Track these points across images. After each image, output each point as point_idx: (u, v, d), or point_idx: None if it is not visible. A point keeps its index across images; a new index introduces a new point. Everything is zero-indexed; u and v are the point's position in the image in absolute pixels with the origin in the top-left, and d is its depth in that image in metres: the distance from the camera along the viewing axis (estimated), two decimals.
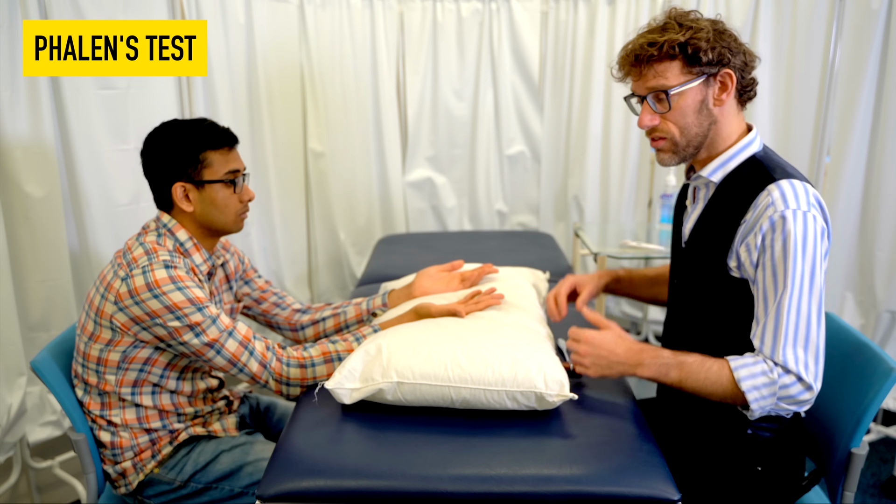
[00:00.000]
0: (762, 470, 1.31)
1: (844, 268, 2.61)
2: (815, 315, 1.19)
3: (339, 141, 3.01)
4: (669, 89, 1.25)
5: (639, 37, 1.28)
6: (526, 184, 3.27)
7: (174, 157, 1.42)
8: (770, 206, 1.20)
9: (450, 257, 1.83)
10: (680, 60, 1.25)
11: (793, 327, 1.18)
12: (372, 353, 1.25)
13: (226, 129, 1.47)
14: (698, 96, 1.27)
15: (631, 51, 1.28)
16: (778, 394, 1.19)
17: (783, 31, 2.67)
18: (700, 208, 1.36)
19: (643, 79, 1.28)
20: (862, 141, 2.50)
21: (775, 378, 1.18)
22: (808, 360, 1.18)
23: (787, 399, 1.19)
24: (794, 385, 1.18)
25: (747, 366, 1.20)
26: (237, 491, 1.45)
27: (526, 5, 3.05)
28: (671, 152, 1.32)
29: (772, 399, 1.19)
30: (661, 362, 1.25)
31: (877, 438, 2.50)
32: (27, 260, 2.01)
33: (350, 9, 2.91)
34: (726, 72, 1.27)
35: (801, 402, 1.20)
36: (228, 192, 1.46)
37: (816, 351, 1.19)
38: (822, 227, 1.21)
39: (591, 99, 3.06)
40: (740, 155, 1.30)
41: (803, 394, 1.19)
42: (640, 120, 1.30)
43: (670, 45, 1.23)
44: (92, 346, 1.38)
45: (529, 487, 1.05)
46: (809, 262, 1.18)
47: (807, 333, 1.18)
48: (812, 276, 1.18)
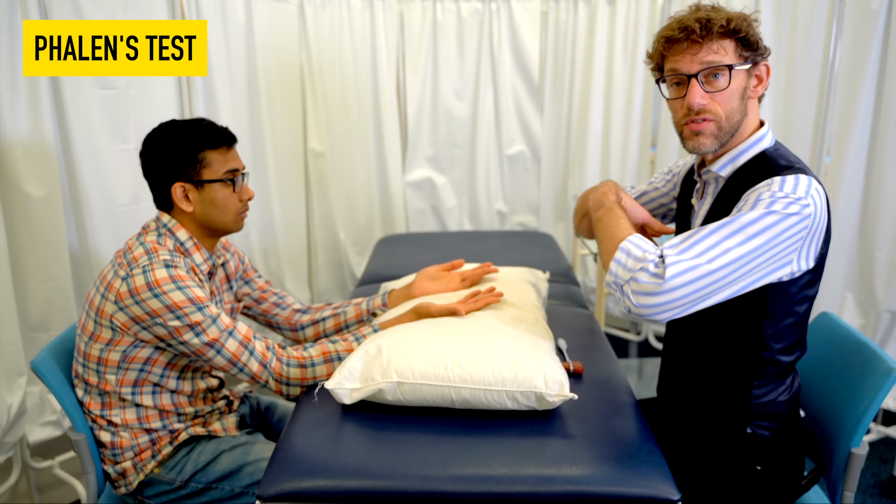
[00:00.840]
0: (762, 469, 1.31)
1: (844, 268, 2.61)
2: (728, 259, 1.11)
3: (339, 141, 3.01)
4: (733, 65, 1.22)
5: (690, 13, 1.23)
6: (526, 184, 3.27)
7: (173, 158, 1.42)
8: (764, 185, 1.18)
9: (450, 257, 1.83)
10: (735, 42, 1.22)
11: (697, 239, 1.13)
12: (372, 353, 1.25)
13: (224, 129, 1.47)
14: (743, 83, 1.25)
15: (691, 20, 1.20)
16: (635, 274, 1.13)
17: (783, 31, 2.67)
18: (708, 203, 1.34)
19: (698, 54, 1.22)
20: (862, 141, 2.50)
21: (648, 258, 1.13)
22: (681, 264, 1.10)
23: (636, 283, 1.12)
24: (652, 275, 1.11)
25: (643, 240, 1.18)
26: (237, 491, 1.45)
27: (526, 5, 3.05)
28: (713, 136, 1.26)
29: (627, 274, 1.14)
30: (606, 199, 1.35)
31: (877, 438, 2.50)
32: (27, 260, 2.01)
33: (350, 9, 2.91)
34: (765, 64, 1.26)
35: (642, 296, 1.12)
36: (228, 192, 1.46)
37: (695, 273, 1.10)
38: (806, 216, 1.15)
39: (591, 99, 3.06)
40: (751, 150, 1.28)
41: (650, 285, 1.11)
42: (690, 97, 1.23)
43: (736, 21, 1.20)
44: (92, 345, 1.38)
45: (529, 487, 1.05)
46: (769, 223, 1.12)
47: (703, 252, 1.11)
48: (759, 233, 1.12)
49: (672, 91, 1.29)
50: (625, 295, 1.15)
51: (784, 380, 1.32)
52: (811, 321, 1.58)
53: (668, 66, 1.27)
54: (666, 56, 1.28)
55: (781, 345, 1.28)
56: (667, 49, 1.27)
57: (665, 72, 1.29)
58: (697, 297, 1.13)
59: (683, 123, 1.28)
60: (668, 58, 1.28)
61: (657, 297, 1.11)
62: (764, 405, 1.30)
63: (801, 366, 1.46)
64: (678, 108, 1.28)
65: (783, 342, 1.27)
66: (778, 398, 1.31)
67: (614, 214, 1.30)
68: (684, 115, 1.27)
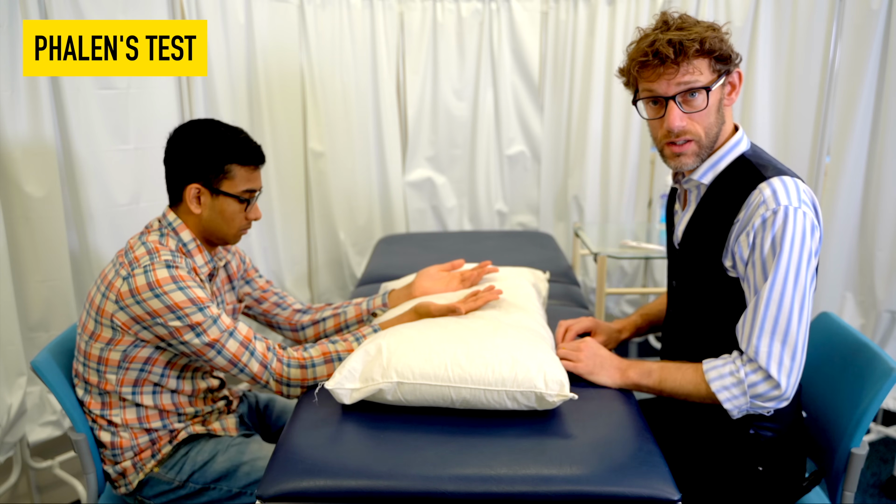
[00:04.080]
0: (763, 470, 1.31)
1: (844, 268, 2.61)
2: (798, 311, 1.17)
3: (339, 141, 3.01)
4: (709, 86, 1.22)
5: (661, 35, 1.21)
6: (526, 184, 3.27)
7: (200, 159, 1.41)
8: (762, 203, 1.19)
9: (450, 257, 1.83)
10: (708, 58, 1.22)
11: (771, 319, 1.17)
12: (372, 353, 1.25)
13: (257, 147, 1.47)
14: (719, 96, 1.26)
15: (664, 43, 1.19)
16: (748, 392, 1.18)
17: (783, 31, 2.67)
18: (691, 210, 1.36)
19: (674, 78, 1.21)
20: (862, 141, 2.50)
21: (742, 377, 1.18)
22: (784, 356, 1.17)
23: (759, 397, 1.19)
24: (761, 383, 1.17)
25: (716, 367, 1.21)
26: (235, 491, 1.45)
27: (526, 5, 3.05)
28: (695, 155, 1.27)
29: (744, 398, 1.19)
30: (645, 367, 1.31)
31: (877, 438, 2.50)
32: (27, 260, 2.01)
33: (350, 9, 2.91)
34: (738, 71, 1.27)
35: (772, 399, 1.19)
36: (239, 209, 1.46)
37: (795, 347, 1.17)
38: (813, 223, 1.20)
39: (591, 99, 3.06)
40: (729, 155, 1.30)
41: (772, 391, 1.18)
42: (670, 121, 1.23)
43: (709, 41, 1.19)
44: (93, 345, 1.38)
45: (529, 487, 1.05)
46: (796, 258, 1.17)
47: (786, 328, 1.17)
48: (797, 272, 1.17)
49: (650, 111, 1.29)
50: (758, 410, 1.22)
51: None
52: (811, 321, 1.59)
53: (644, 86, 1.26)
54: (639, 78, 1.26)
55: None
56: (640, 73, 1.25)
57: (641, 92, 1.28)
58: (804, 354, 1.21)
59: (664, 143, 1.28)
60: (641, 80, 1.26)
61: (786, 393, 1.20)
62: None
63: None
64: (657, 128, 1.28)
65: None
66: None
67: (663, 371, 1.30)
68: (664, 135, 1.27)
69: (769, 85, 2.72)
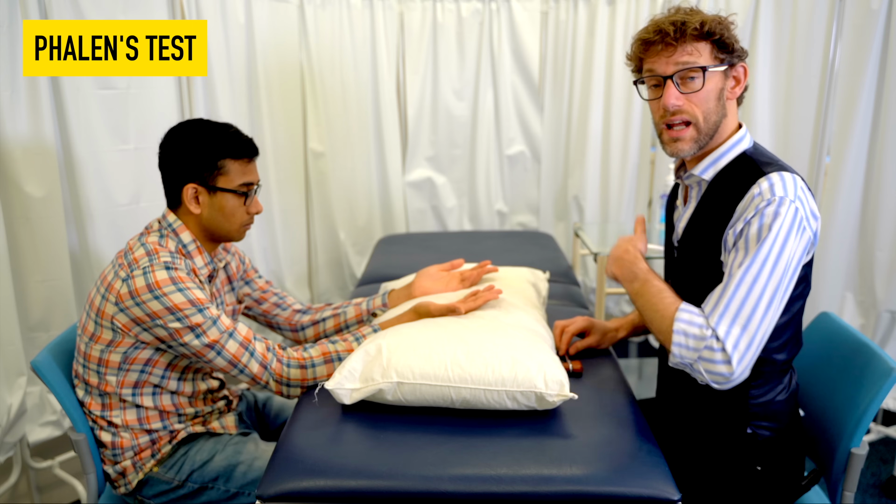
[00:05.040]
0: (762, 470, 1.31)
1: (844, 268, 2.61)
2: (766, 301, 1.16)
3: (339, 141, 3.01)
4: (707, 66, 1.24)
5: (667, 16, 1.25)
6: (526, 184, 3.27)
7: (192, 158, 1.41)
8: (757, 195, 1.20)
9: (450, 257, 1.83)
10: (710, 44, 1.24)
11: (737, 303, 1.16)
12: (372, 353, 1.25)
13: (248, 140, 1.47)
14: (720, 84, 1.27)
15: (667, 23, 1.23)
16: (701, 353, 1.17)
17: (783, 31, 2.67)
18: (692, 207, 1.36)
19: (672, 55, 1.24)
20: (862, 141, 2.50)
21: (707, 335, 1.17)
22: (741, 341, 1.16)
23: (707, 363, 1.17)
24: (718, 352, 1.16)
25: (692, 313, 1.20)
26: (233, 491, 1.45)
27: (526, 5, 3.05)
28: (692, 140, 1.28)
29: (693, 353, 1.18)
30: (638, 270, 1.33)
31: (877, 438, 2.50)
32: (27, 260, 2.01)
33: (350, 9, 2.91)
34: (742, 66, 1.28)
35: (718, 375, 1.17)
36: (238, 203, 1.46)
37: (752, 337, 1.16)
38: (802, 220, 1.18)
39: (591, 99, 3.06)
40: (731, 152, 1.30)
41: (722, 367, 1.16)
42: (665, 99, 1.25)
43: (710, 24, 1.22)
44: (93, 346, 1.38)
45: (529, 487, 1.05)
46: (777, 248, 1.16)
47: (749, 315, 1.16)
48: (776, 263, 1.16)
49: (650, 93, 1.32)
50: (696, 371, 1.20)
51: (781, 379, 1.32)
52: (811, 321, 1.59)
53: (646, 67, 1.30)
54: (643, 58, 1.30)
55: (777, 343, 1.28)
56: (643, 51, 1.29)
57: (643, 73, 1.31)
58: (760, 346, 1.19)
59: (662, 126, 1.30)
60: (645, 60, 1.30)
61: (732, 377, 1.18)
62: (763, 405, 1.30)
63: (801, 366, 1.47)
64: (656, 109, 1.31)
65: (778, 340, 1.28)
66: (776, 397, 1.31)
67: (653, 287, 1.30)
68: (661, 116, 1.29)
69: (769, 85, 2.72)
